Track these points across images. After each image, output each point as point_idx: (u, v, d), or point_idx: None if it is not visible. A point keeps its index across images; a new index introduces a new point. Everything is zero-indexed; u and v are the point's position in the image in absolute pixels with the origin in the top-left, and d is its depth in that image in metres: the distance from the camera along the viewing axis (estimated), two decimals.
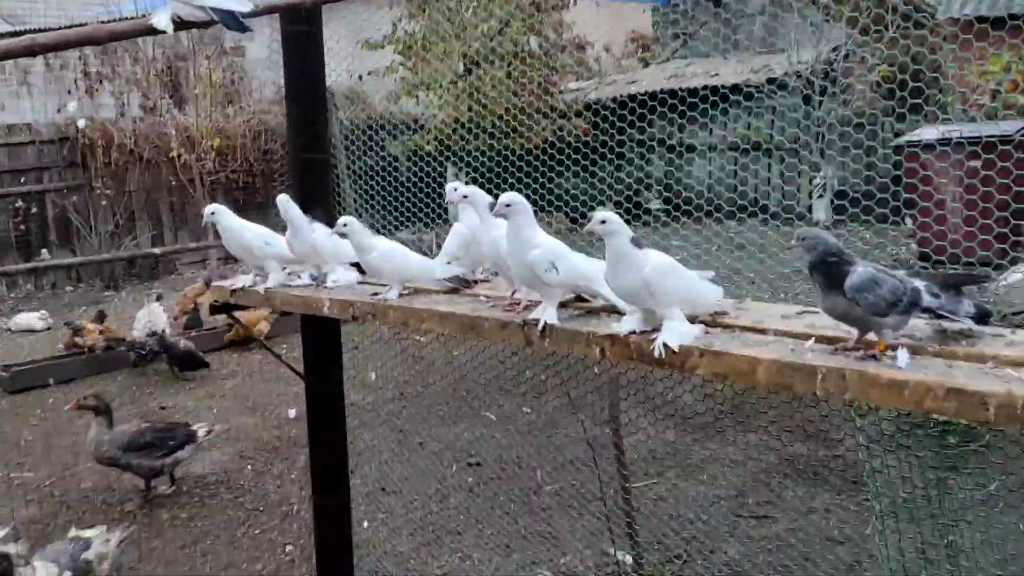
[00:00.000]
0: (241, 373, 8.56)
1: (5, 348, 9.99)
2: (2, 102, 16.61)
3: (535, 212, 2.42)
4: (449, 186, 2.63)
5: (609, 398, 4.46)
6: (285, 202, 3.02)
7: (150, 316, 8.76)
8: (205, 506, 5.78)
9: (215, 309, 3.22)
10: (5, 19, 21.61)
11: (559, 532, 5.09)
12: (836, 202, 12.48)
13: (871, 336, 1.83)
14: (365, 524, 5.27)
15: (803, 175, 13.85)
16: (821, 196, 13.72)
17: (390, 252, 2.73)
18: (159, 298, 9.28)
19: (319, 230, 2.98)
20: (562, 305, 2.35)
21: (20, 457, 6.68)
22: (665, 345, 2.03)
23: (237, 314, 3.58)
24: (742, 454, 5.91)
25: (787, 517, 5.05)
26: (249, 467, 6.36)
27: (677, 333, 2.04)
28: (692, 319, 2.15)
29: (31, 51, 2.29)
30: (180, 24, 2.48)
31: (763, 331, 2.05)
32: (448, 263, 2.77)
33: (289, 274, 3.17)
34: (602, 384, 5.10)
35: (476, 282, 2.78)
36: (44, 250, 13.23)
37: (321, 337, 3.33)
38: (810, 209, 13.64)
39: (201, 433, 5.86)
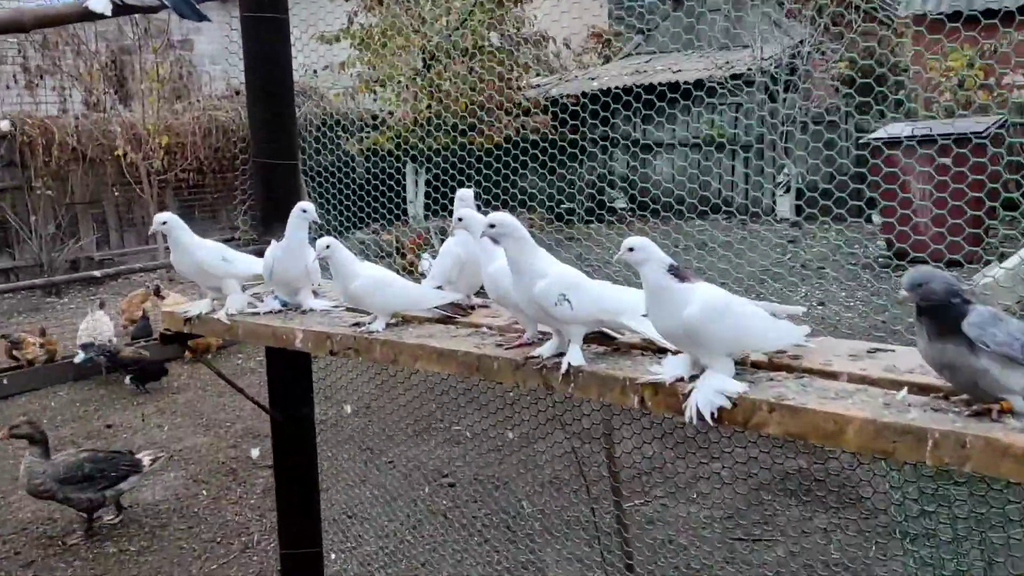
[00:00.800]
0: (193, 386, 8.05)
1: None
2: None
3: (498, 210, 2.06)
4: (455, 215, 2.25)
5: (601, 411, 4.13)
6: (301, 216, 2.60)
7: (94, 325, 8.21)
8: (156, 537, 5.31)
9: (166, 338, 2.78)
10: None
11: (544, 561, 4.74)
12: (800, 199, 12.39)
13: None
14: (332, 556, 4.86)
15: (767, 172, 13.73)
16: (785, 193, 13.63)
17: (376, 280, 2.34)
18: (102, 305, 8.71)
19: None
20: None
21: None
22: (699, 412, 1.67)
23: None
24: (731, 470, 5.62)
25: (785, 540, 4.77)
26: (204, 492, 5.90)
27: (711, 393, 1.68)
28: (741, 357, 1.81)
29: None
30: (121, 8, 2.08)
31: (834, 375, 1.71)
32: (439, 287, 2.39)
33: (253, 295, 2.76)
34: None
35: (472, 308, 2.40)
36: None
37: (289, 370, 2.92)
38: (774, 206, 13.53)
39: (146, 462, 5.38)
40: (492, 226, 1.95)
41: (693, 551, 4.72)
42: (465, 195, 2.44)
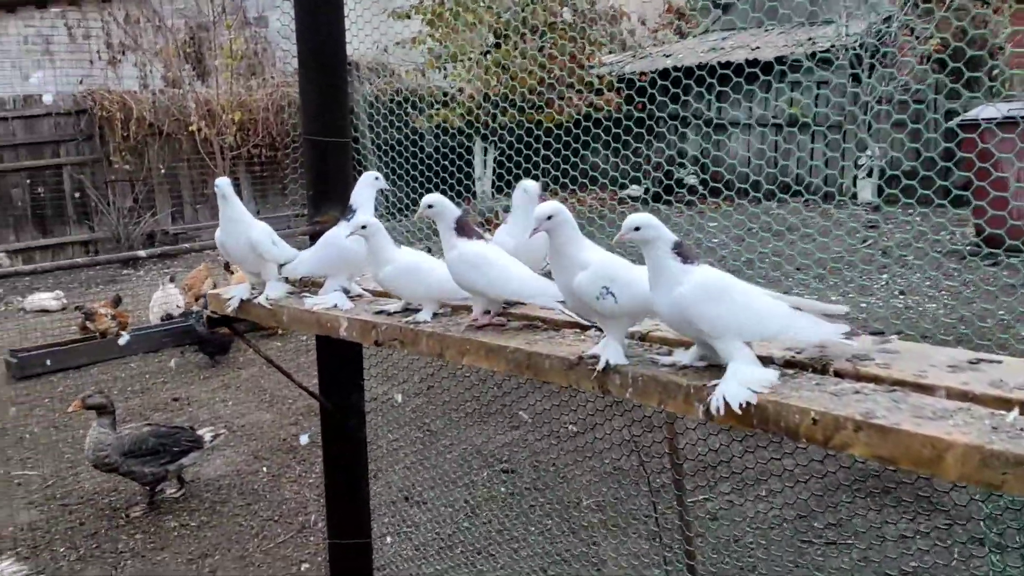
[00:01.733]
0: (258, 362, 8.09)
1: (18, 330, 9.62)
2: (26, 72, 16.27)
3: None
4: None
5: None
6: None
7: (165, 299, 8.36)
8: (215, 513, 5.34)
9: (213, 322, 2.71)
10: None
11: (603, 555, 4.58)
12: (883, 180, 11.84)
13: None
14: (388, 540, 4.80)
15: (848, 153, 13.18)
16: (868, 176, 13.07)
17: (409, 266, 2.20)
18: (172, 279, 8.85)
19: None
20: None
21: (23, 452, 6.28)
22: (726, 403, 1.53)
23: None
24: (803, 467, 5.36)
25: (859, 544, 4.51)
26: (264, 469, 5.91)
27: (737, 383, 1.54)
28: (822, 363, 1.62)
29: None
30: None
31: (930, 389, 1.50)
32: None
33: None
34: None
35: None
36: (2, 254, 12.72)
37: (339, 358, 2.81)
38: (855, 189, 13.00)
39: (208, 438, 5.41)
40: (550, 217, 1.83)
41: (760, 552, 4.51)
42: (530, 188, 2.29)
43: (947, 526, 4.56)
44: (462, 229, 2.10)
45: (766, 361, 1.71)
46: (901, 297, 8.05)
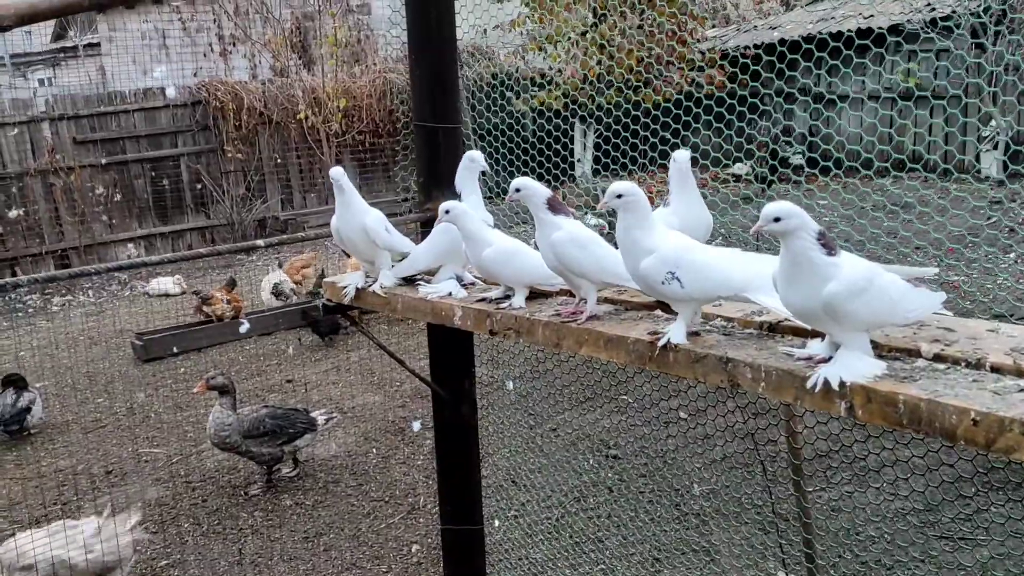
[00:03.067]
0: (366, 344, 8.27)
1: (143, 312, 10.12)
2: (144, 66, 17.03)
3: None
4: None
5: None
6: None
7: (276, 278, 8.70)
8: (329, 493, 5.48)
9: (329, 309, 2.74)
10: None
11: (715, 545, 4.47)
12: (1008, 155, 11.12)
13: None
14: (496, 523, 4.82)
15: (969, 128, 12.44)
16: (992, 148, 12.31)
17: (508, 250, 2.17)
18: (280, 265, 9.15)
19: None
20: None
21: (150, 431, 6.60)
22: (826, 382, 1.50)
23: None
24: (928, 458, 5.09)
25: (991, 541, 4.25)
26: (374, 450, 6.03)
27: (847, 367, 1.51)
28: (976, 358, 1.50)
29: (98, 4, 1.81)
30: None
31: None
32: None
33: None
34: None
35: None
36: (131, 245, 13.36)
37: (451, 345, 2.81)
38: (977, 163, 12.29)
39: (321, 420, 5.55)
40: (620, 196, 1.79)
41: (884, 545, 4.31)
42: (680, 158, 2.23)
43: None
44: (555, 209, 2.05)
45: (913, 354, 1.60)
46: None
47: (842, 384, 1.48)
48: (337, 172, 2.54)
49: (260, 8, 16.82)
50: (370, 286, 2.53)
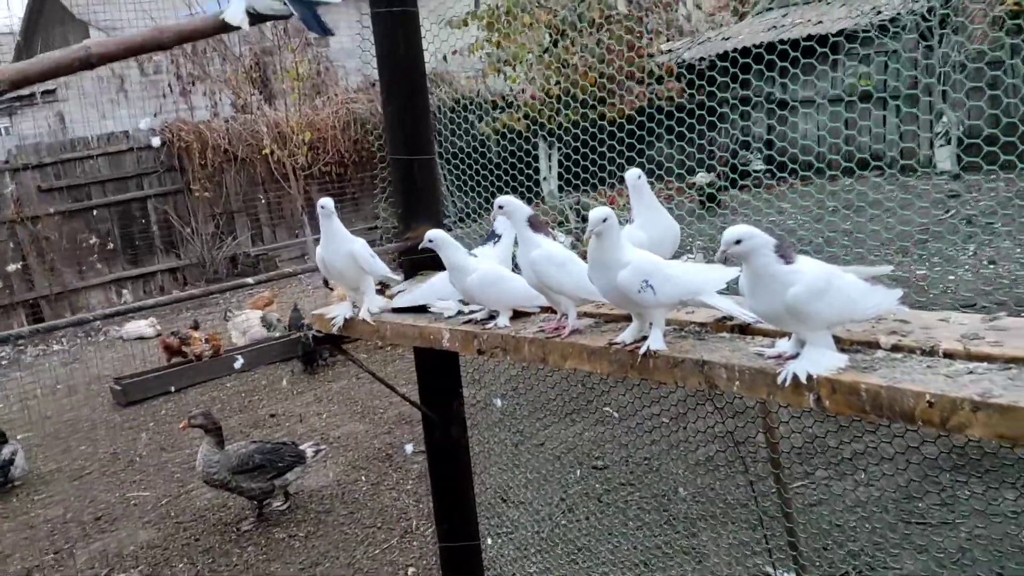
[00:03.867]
0: (347, 375, 8.33)
1: (119, 357, 10.09)
2: (103, 110, 17.00)
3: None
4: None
5: None
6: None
7: (247, 321, 8.78)
8: (321, 523, 5.52)
9: (319, 340, 2.83)
10: (101, 29, 22.17)
11: (703, 545, 4.59)
12: (961, 148, 11.45)
13: None
14: (489, 541, 4.89)
15: (922, 124, 12.79)
16: (945, 143, 12.66)
17: (493, 276, 2.29)
18: (227, 316, 9.30)
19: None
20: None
21: (136, 475, 6.60)
22: (795, 376, 1.64)
23: None
24: (900, 446, 5.26)
25: (967, 523, 4.41)
26: (363, 478, 6.09)
27: (813, 361, 1.66)
28: (930, 346, 1.63)
29: (87, 63, 1.92)
30: (255, 17, 2.08)
31: None
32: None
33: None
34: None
35: None
36: (125, 291, 13.34)
37: (438, 367, 2.91)
38: (932, 157, 12.62)
39: (309, 453, 5.61)
40: (605, 220, 1.93)
41: (865, 534, 4.45)
42: (631, 175, 2.38)
43: None
44: (536, 227, 2.18)
45: (872, 345, 1.73)
46: (991, 267, 7.81)
47: (809, 377, 1.61)
48: (327, 202, 2.64)
49: (218, 46, 16.88)
50: (358, 315, 2.63)
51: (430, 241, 2.34)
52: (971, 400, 1.40)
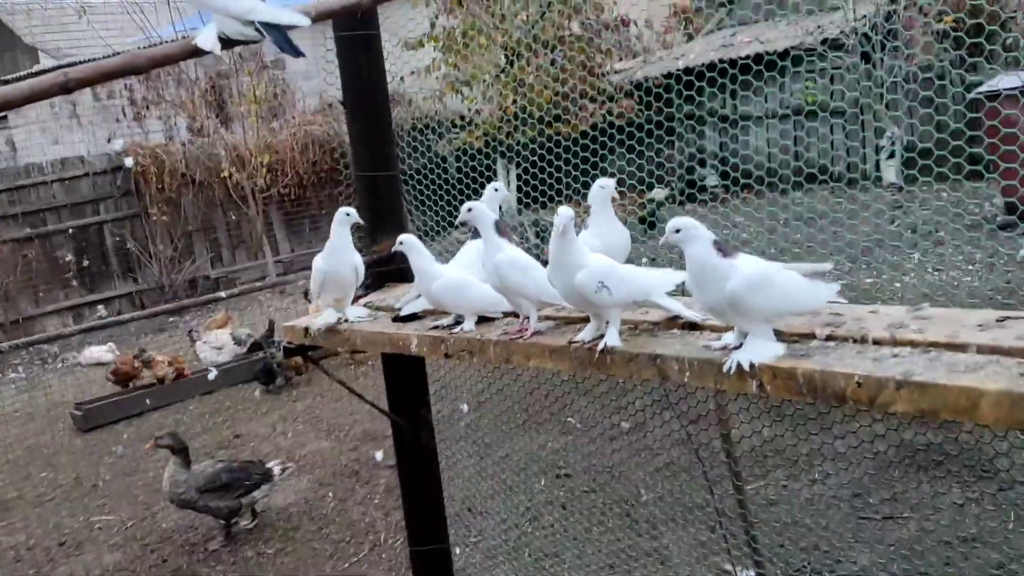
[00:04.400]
0: (311, 394, 8.36)
1: (78, 384, 9.99)
2: (55, 136, 16.84)
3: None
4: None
5: (716, 395, 4.09)
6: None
7: (217, 342, 8.74)
8: (289, 539, 5.56)
9: (289, 352, 2.92)
10: (50, 54, 21.93)
11: (666, 547, 4.73)
12: (908, 161, 11.85)
13: None
14: (457, 551, 4.98)
15: (868, 137, 13.21)
16: (890, 157, 13.09)
17: (457, 281, 2.42)
18: (191, 336, 9.29)
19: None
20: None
21: (99, 499, 6.56)
22: (739, 364, 1.79)
23: None
24: (853, 447, 5.46)
25: (917, 516, 4.61)
26: (330, 494, 6.13)
27: (754, 351, 1.81)
28: (861, 335, 1.79)
29: (65, 88, 2.00)
30: (226, 43, 2.18)
31: (962, 347, 1.66)
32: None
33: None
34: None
35: None
36: (101, 307, 13.27)
37: (405, 374, 3.02)
38: (878, 171, 13.02)
39: (277, 471, 5.65)
40: (560, 220, 2.04)
41: (820, 531, 4.63)
42: (608, 184, 2.53)
43: (1001, 490, 4.66)
44: (501, 233, 2.31)
45: (809, 336, 1.88)
46: (936, 273, 8.12)
47: (752, 365, 1.76)
48: (353, 211, 2.69)
49: (172, 70, 16.82)
50: (340, 323, 2.71)
51: (400, 243, 2.46)
52: (895, 379, 1.56)
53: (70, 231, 13.02)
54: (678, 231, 1.89)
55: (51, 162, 13.15)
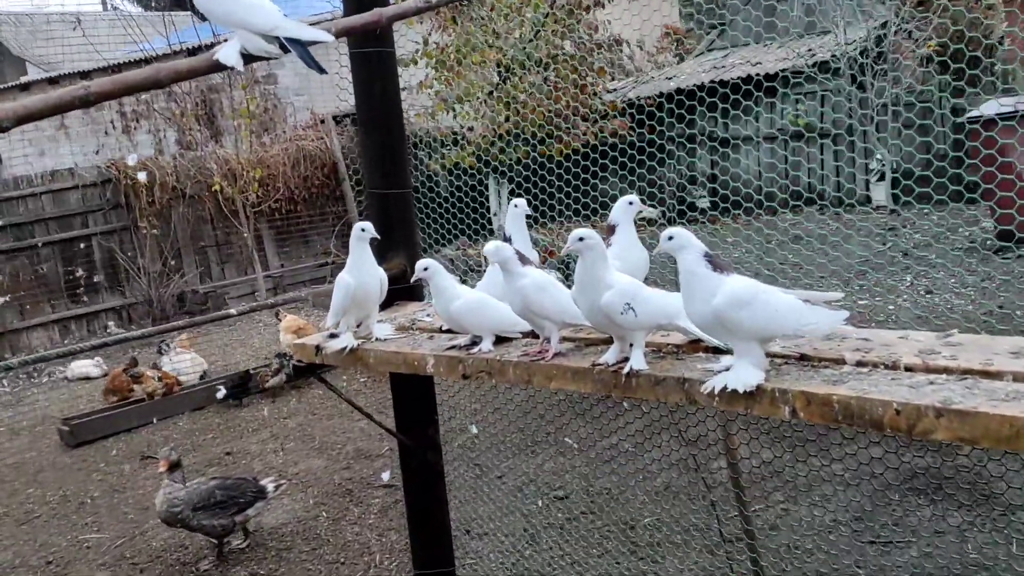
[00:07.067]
0: (303, 411, 8.28)
1: (64, 398, 9.87)
2: (42, 147, 16.73)
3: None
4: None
5: (716, 416, 4.07)
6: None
7: (192, 360, 8.73)
8: (283, 560, 5.47)
9: (300, 371, 2.87)
10: (38, 65, 21.82)
11: (667, 571, 4.68)
12: (896, 186, 11.94)
13: None
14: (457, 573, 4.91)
15: (858, 161, 13.31)
16: (880, 180, 13.18)
17: (477, 301, 2.40)
18: (161, 352, 9.22)
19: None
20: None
21: (88, 517, 6.45)
22: (723, 389, 1.81)
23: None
24: (852, 471, 5.45)
25: (918, 541, 4.59)
26: (324, 514, 6.05)
27: (734, 376, 1.82)
28: (892, 360, 1.76)
29: (86, 101, 1.97)
30: (248, 57, 2.16)
31: (998, 375, 1.64)
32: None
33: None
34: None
35: None
36: (111, 323, 13.21)
37: (414, 394, 2.97)
38: (869, 194, 13.11)
39: (270, 488, 5.56)
40: (581, 239, 2.04)
41: (821, 556, 4.59)
42: (635, 200, 2.50)
43: (1003, 515, 4.65)
44: (524, 261, 2.29)
45: (839, 362, 1.86)
46: (928, 296, 8.15)
47: (724, 389, 1.79)
48: (369, 225, 2.64)
49: None
50: (361, 343, 2.66)
51: (425, 269, 2.43)
52: (934, 407, 1.54)
53: (58, 244, 12.89)
54: (671, 238, 1.91)
55: (40, 174, 13.03)
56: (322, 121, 15.59)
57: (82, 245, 13.11)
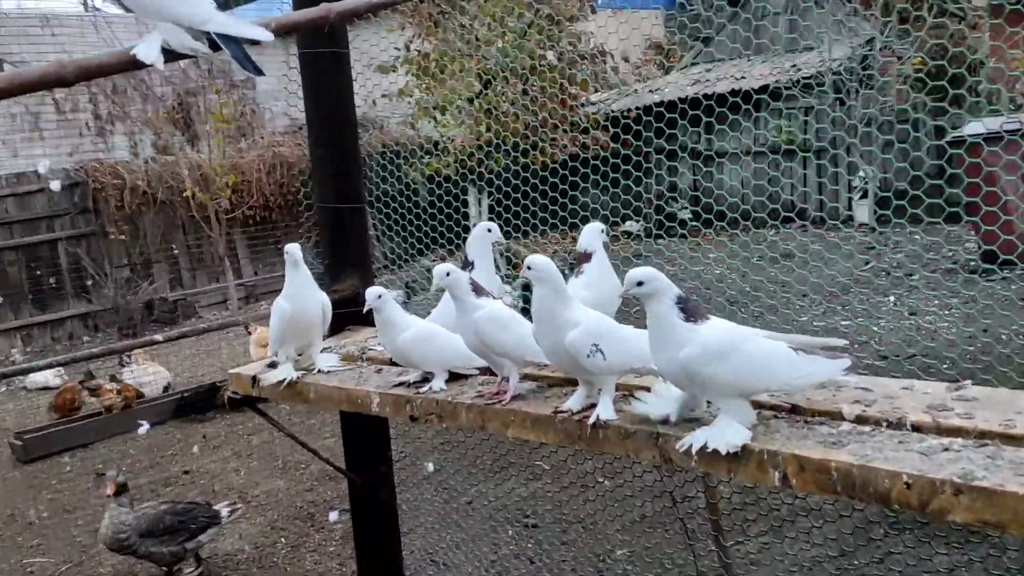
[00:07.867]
0: (267, 428, 7.93)
1: (21, 409, 9.49)
2: (15, 149, 16.31)
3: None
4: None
5: None
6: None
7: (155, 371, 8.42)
8: None
9: (235, 403, 2.60)
10: (13, 65, 21.40)
11: None
12: (878, 203, 11.83)
13: None
14: None
15: (839, 177, 13.21)
16: (863, 198, 13.07)
17: (426, 333, 2.13)
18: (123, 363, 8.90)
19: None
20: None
21: (34, 539, 6.11)
22: (703, 448, 1.57)
23: None
24: (835, 505, 5.22)
25: None
26: (282, 540, 5.75)
27: (715, 433, 1.58)
28: (896, 417, 1.53)
29: None
30: (171, 55, 1.90)
31: (1021, 440, 1.41)
32: None
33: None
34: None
35: None
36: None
37: (365, 430, 2.71)
38: (851, 212, 13.00)
39: (224, 512, 5.26)
40: (529, 268, 1.80)
41: None
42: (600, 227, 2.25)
43: (992, 555, 4.43)
44: (478, 292, 2.03)
45: (836, 417, 1.62)
46: (912, 318, 7.98)
47: (703, 448, 1.55)
48: (294, 248, 2.40)
49: (139, 85, 16.43)
50: (302, 376, 2.40)
51: (379, 297, 2.16)
52: (952, 482, 1.30)
53: (23, 248, 12.51)
54: (640, 283, 1.63)
55: (5, 176, 12.67)
56: (300, 128, 15.31)
57: (47, 250, 12.73)
